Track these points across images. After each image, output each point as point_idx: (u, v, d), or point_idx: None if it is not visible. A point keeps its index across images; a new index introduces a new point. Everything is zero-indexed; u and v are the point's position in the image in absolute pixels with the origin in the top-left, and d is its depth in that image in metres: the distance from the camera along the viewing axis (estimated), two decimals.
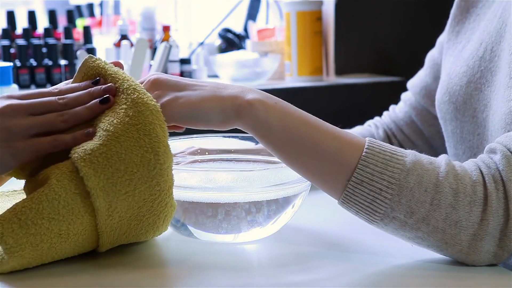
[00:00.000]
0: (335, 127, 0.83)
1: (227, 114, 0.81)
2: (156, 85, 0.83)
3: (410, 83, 1.23)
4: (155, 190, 0.79)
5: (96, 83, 0.84)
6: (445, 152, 1.17)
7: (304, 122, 0.82)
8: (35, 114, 0.81)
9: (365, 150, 0.80)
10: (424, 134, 1.20)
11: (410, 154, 0.81)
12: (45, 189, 0.76)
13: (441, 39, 1.18)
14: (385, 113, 1.27)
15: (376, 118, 1.27)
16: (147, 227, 0.82)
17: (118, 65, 0.88)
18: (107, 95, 0.82)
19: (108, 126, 0.79)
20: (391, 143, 1.16)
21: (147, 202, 0.80)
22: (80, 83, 0.85)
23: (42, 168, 0.80)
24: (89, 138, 0.80)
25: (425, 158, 0.81)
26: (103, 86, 0.83)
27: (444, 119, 1.08)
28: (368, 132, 1.23)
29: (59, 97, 0.83)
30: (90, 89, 0.84)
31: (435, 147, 1.20)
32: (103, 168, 0.77)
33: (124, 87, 0.82)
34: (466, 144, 1.03)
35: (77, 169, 0.77)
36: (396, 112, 1.24)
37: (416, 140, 1.20)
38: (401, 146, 1.19)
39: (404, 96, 1.25)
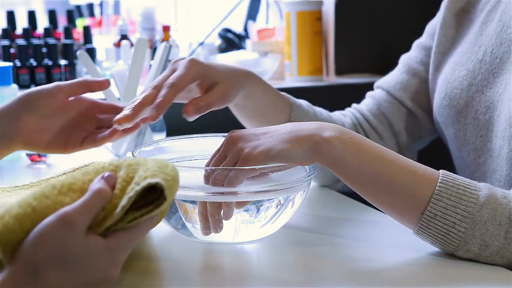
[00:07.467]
0: (408, 159, 0.85)
1: (306, 153, 0.83)
2: (235, 140, 0.86)
3: (381, 82, 1.23)
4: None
5: None
6: (413, 152, 1.18)
7: (379, 156, 0.84)
8: None
9: (438, 184, 0.82)
10: (394, 127, 1.19)
11: (484, 188, 0.82)
12: None
13: (418, 42, 1.20)
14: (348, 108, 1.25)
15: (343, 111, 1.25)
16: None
17: (106, 83, 0.96)
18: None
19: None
20: (357, 132, 1.13)
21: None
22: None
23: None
24: None
25: (499, 191, 0.82)
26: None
27: (445, 123, 1.09)
28: (339, 120, 1.19)
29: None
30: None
31: (401, 144, 1.19)
32: None
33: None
34: (470, 146, 1.04)
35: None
36: (361, 105, 1.23)
37: (383, 132, 1.19)
38: (367, 136, 1.17)
39: (370, 93, 1.23)
